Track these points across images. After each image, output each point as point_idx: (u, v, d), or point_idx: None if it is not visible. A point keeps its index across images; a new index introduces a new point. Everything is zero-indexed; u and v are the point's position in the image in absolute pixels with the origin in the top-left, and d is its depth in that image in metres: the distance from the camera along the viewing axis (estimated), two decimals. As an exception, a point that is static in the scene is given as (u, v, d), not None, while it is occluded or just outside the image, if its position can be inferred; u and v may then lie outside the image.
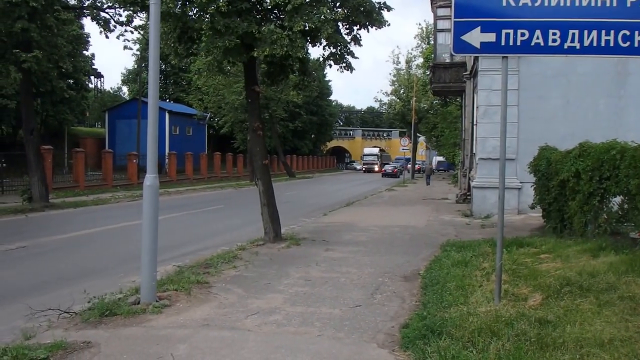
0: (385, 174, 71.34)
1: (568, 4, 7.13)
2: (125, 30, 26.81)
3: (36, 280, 10.76)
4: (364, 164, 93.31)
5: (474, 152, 24.58)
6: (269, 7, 13.24)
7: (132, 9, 14.06)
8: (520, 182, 19.44)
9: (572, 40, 7.14)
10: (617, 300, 7.14)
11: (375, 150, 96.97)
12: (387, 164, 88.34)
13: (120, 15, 25.16)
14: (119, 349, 6.38)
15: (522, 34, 7.26)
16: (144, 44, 51.64)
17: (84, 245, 15.31)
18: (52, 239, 15.82)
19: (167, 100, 70.24)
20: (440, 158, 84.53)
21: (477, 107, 22.36)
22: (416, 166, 73.51)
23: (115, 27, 25.45)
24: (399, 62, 66.24)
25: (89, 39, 51.46)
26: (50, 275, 11.23)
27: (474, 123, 24.25)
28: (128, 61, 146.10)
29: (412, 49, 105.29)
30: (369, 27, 13.93)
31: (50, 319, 7.59)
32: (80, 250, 14.47)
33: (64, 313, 7.77)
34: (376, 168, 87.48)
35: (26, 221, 20.23)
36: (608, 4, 7.03)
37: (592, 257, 9.52)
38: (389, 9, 14.04)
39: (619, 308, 6.84)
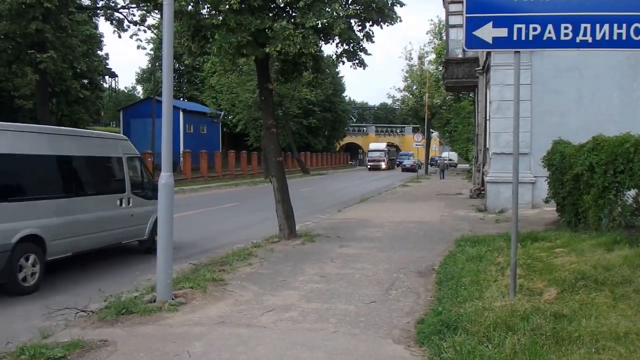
0: (405, 169, 71.43)
1: (580, -3, 7.14)
2: (139, 30, 26.99)
3: (53, 280, 10.83)
4: (369, 161, 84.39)
5: (487, 147, 24.52)
6: (282, 4, 13.29)
7: (145, 8, 14.17)
8: (534, 177, 19.34)
9: (584, 34, 7.13)
10: (632, 293, 7.13)
11: (382, 146, 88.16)
12: (393, 159, 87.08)
13: (134, 15, 25.36)
14: (136, 347, 6.44)
15: (534, 29, 7.26)
16: (157, 43, 51.89)
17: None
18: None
19: (181, 99, 70.46)
20: (446, 154, 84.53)
21: (490, 102, 22.28)
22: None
23: (128, 26, 25.67)
24: (412, 58, 66.36)
25: (103, 38, 51.81)
26: (67, 275, 11.29)
27: (487, 118, 24.16)
28: (142, 60, 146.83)
29: (424, 45, 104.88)
30: (382, 23, 13.94)
31: (67, 318, 7.70)
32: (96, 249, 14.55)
33: (80, 312, 7.87)
34: (383, 165, 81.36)
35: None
36: (620, -2, 7.02)
37: (606, 250, 9.49)
38: (401, 4, 14.06)
39: (634, 301, 6.83)
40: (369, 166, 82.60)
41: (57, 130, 12.15)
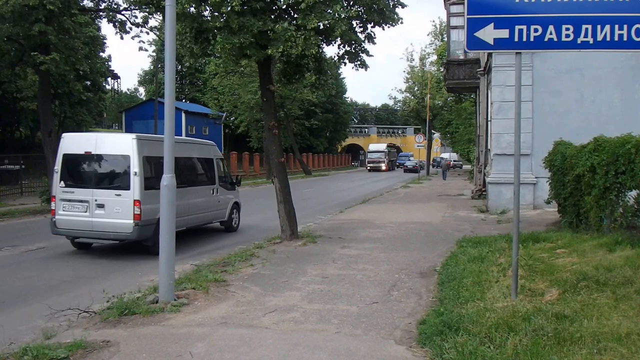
0: (407, 170, 71.78)
1: (581, -2, 7.15)
2: (141, 32, 27.05)
3: (55, 281, 10.89)
4: (368, 162, 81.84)
5: (488, 148, 24.53)
6: (283, 6, 13.31)
7: (147, 10, 14.18)
8: (536, 177, 19.37)
9: (586, 35, 7.15)
10: (634, 294, 7.13)
11: (382, 147, 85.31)
12: (393, 160, 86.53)
13: (136, 17, 25.40)
14: (138, 347, 6.47)
15: (535, 30, 7.29)
16: (159, 45, 51.94)
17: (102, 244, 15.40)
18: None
19: (184, 100, 70.53)
20: (445, 155, 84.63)
21: (491, 103, 22.30)
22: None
23: (131, 28, 25.68)
24: (413, 60, 66.32)
25: (106, 40, 51.85)
26: (70, 275, 11.36)
27: (489, 119, 24.18)
28: (144, 62, 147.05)
29: (425, 46, 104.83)
30: (383, 24, 13.95)
31: (70, 319, 7.71)
32: (98, 249, 14.58)
33: (83, 312, 7.88)
34: (383, 167, 78.85)
35: (45, 222, 20.33)
36: (621, -1, 7.03)
37: (608, 251, 9.49)
38: (403, 5, 14.06)
39: (635, 302, 6.83)
40: (368, 167, 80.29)
41: (180, 139, 16.34)
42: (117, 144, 13.67)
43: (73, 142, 13.99)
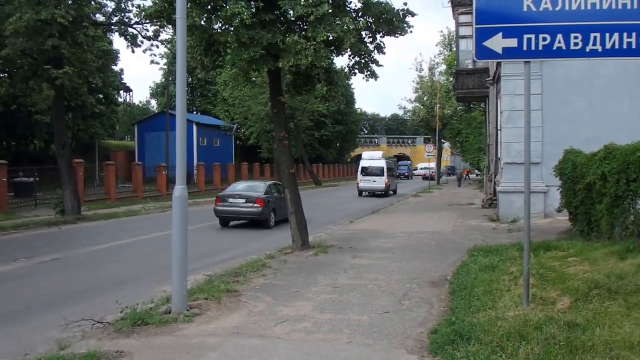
0: (424, 178, 72.29)
1: (589, 7, 7.14)
2: (152, 45, 27.02)
3: (70, 291, 10.96)
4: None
5: (498, 156, 24.52)
6: (293, 18, 13.38)
7: (158, 23, 14.30)
8: (546, 186, 19.32)
9: (594, 44, 7.14)
10: (646, 302, 7.10)
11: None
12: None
13: (147, 30, 25.56)
14: (151, 357, 6.51)
15: (544, 39, 7.29)
16: (171, 58, 52.27)
17: (115, 256, 15.51)
18: (84, 251, 16.06)
19: (195, 112, 70.75)
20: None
21: (500, 112, 22.30)
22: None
23: (142, 42, 25.81)
24: (422, 70, 66.32)
25: (118, 54, 52.09)
26: (84, 286, 11.43)
27: (498, 128, 24.18)
28: (156, 75, 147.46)
29: (434, 56, 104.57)
30: (393, 34, 13.98)
31: (84, 329, 7.76)
32: (112, 260, 14.68)
33: (97, 323, 7.92)
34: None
35: (59, 233, 20.54)
36: (629, 7, 7.02)
37: (620, 259, 9.44)
38: (412, 14, 14.05)
39: (648, 310, 6.80)
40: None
41: (386, 158, 47.28)
42: (379, 161, 43.99)
43: (364, 160, 44.71)
